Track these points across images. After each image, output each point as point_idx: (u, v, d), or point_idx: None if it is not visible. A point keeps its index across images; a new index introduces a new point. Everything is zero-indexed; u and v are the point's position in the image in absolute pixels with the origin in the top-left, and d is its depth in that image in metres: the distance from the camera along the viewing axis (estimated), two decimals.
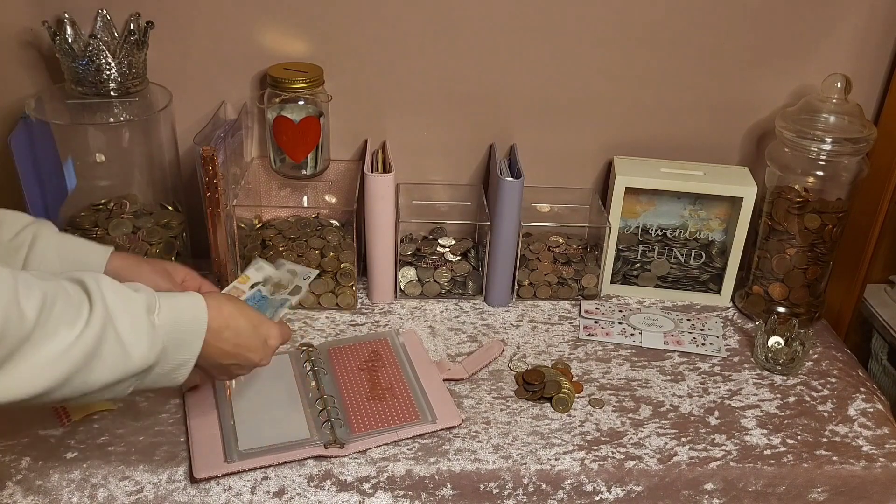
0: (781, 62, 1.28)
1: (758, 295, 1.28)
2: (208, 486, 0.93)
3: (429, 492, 0.96)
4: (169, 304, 0.79)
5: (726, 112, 1.31)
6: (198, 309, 0.82)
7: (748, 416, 1.08)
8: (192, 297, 0.82)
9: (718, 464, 1.00)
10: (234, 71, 1.24)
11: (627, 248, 1.32)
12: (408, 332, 1.19)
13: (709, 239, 1.31)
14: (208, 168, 1.11)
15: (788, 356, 1.16)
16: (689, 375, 1.15)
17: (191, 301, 0.82)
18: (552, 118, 1.31)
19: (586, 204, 1.37)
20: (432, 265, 1.29)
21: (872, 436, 1.06)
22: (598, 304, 1.29)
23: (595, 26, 1.24)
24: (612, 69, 1.27)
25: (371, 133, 1.30)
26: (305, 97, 1.20)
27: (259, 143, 1.32)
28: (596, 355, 1.18)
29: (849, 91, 1.17)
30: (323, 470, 0.95)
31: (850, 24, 1.25)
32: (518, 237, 1.24)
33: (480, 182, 1.36)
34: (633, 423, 1.05)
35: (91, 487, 0.93)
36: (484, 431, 1.02)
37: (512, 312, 1.26)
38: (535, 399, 1.08)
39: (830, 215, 1.20)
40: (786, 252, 1.24)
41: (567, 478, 0.98)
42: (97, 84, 1.11)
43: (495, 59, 1.25)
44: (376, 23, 1.22)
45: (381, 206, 1.19)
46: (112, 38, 1.13)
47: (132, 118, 1.15)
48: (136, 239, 1.18)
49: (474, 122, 1.31)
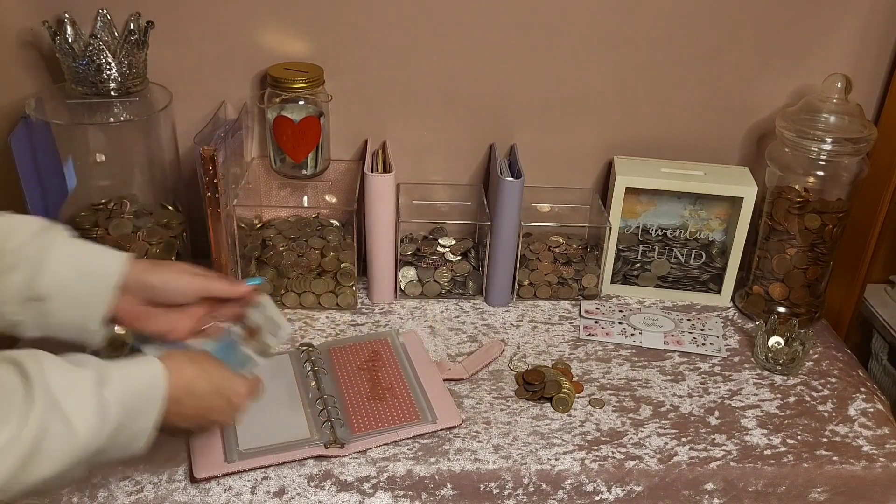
0: (781, 62, 1.28)
1: (758, 295, 1.28)
2: (208, 486, 0.93)
3: (429, 492, 0.96)
4: (121, 374, 0.73)
5: (726, 112, 1.31)
6: (154, 377, 0.76)
7: (748, 416, 1.08)
8: (148, 364, 0.77)
9: (718, 464, 1.00)
10: (234, 71, 1.24)
11: (627, 248, 1.32)
12: (408, 333, 1.19)
13: (709, 239, 1.31)
14: (208, 168, 1.11)
15: (788, 356, 1.16)
16: (689, 375, 1.15)
17: (147, 368, 0.77)
18: (552, 118, 1.31)
19: (586, 204, 1.37)
20: (432, 265, 1.29)
21: (873, 436, 1.06)
22: (598, 304, 1.29)
23: (595, 26, 1.24)
24: (612, 69, 1.27)
25: (371, 133, 1.30)
26: (305, 97, 1.20)
27: (259, 143, 1.32)
28: (596, 355, 1.18)
29: (849, 91, 1.17)
30: (323, 470, 0.95)
31: (850, 24, 1.25)
32: (518, 237, 1.24)
33: (480, 182, 1.36)
34: (633, 423, 1.05)
35: (91, 487, 0.92)
36: (484, 431, 1.02)
37: (512, 312, 1.26)
38: (535, 399, 1.08)
39: (830, 215, 1.20)
40: (786, 252, 1.24)
41: (567, 478, 0.98)
42: (97, 84, 1.11)
43: (495, 59, 1.25)
44: (376, 23, 1.22)
45: (381, 206, 1.19)
46: (112, 38, 1.13)
47: (132, 118, 1.15)
48: (136, 239, 1.18)
49: (474, 122, 1.31)
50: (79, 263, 0.84)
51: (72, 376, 0.70)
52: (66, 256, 0.83)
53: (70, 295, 0.82)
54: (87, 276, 0.84)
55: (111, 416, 0.71)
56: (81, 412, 0.68)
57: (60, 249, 0.83)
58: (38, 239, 0.83)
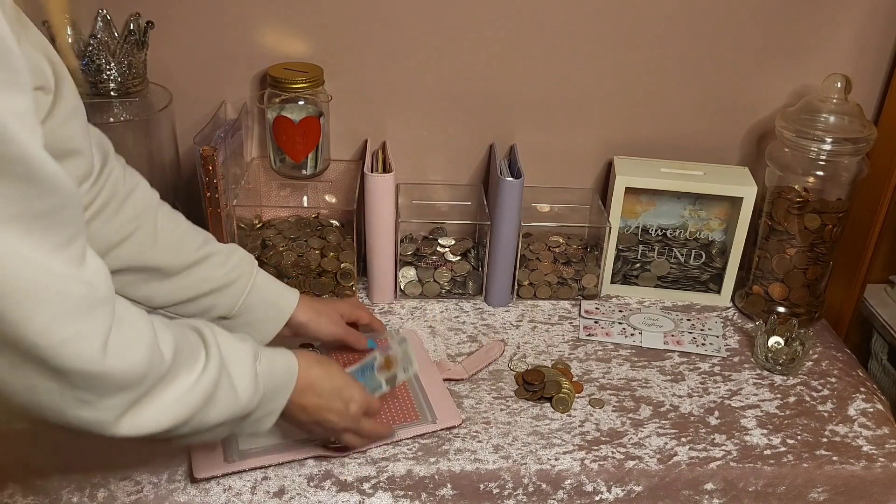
0: (781, 62, 1.28)
1: (758, 295, 1.28)
2: (208, 486, 0.93)
3: (429, 492, 0.96)
4: (268, 356, 0.84)
5: (726, 112, 1.31)
6: (290, 364, 0.86)
7: (748, 416, 1.08)
8: (285, 354, 0.87)
9: (718, 464, 1.00)
10: (234, 71, 1.24)
11: (627, 248, 1.32)
12: (408, 332, 1.19)
13: (709, 239, 1.31)
14: (208, 168, 1.11)
15: (788, 356, 1.16)
16: (689, 375, 1.15)
17: (284, 357, 0.86)
18: (552, 118, 1.31)
19: (586, 204, 1.37)
20: (432, 265, 1.29)
21: (872, 436, 1.06)
22: (598, 304, 1.29)
23: (595, 26, 1.24)
24: (612, 69, 1.27)
25: (371, 133, 1.30)
26: (305, 97, 1.20)
27: (259, 143, 1.32)
28: (596, 355, 1.18)
29: (849, 91, 1.17)
30: (323, 470, 0.95)
31: (850, 24, 1.25)
32: (518, 237, 1.24)
33: (480, 182, 1.36)
34: (633, 423, 1.05)
35: (91, 487, 0.92)
36: (484, 431, 1.02)
37: (512, 312, 1.26)
38: (535, 399, 1.08)
39: (830, 215, 1.20)
40: (786, 252, 1.24)
41: (567, 478, 0.98)
42: (97, 84, 1.11)
43: (495, 58, 1.25)
44: (376, 23, 1.22)
45: (381, 206, 1.19)
46: (112, 38, 1.13)
47: (132, 118, 1.15)
48: None
49: (474, 122, 1.31)
50: (265, 294, 0.99)
51: (237, 347, 0.81)
52: (257, 287, 0.98)
53: (249, 318, 0.98)
54: (271, 307, 1.00)
55: (261, 387, 0.81)
56: (242, 378, 0.79)
57: (253, 279, 0.98)
58: (239, 266, 0.97)
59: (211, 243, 0.97)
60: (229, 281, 0.96)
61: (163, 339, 0.73)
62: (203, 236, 0.97)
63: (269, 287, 1.00)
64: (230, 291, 0.96)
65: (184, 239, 0.95)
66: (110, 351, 0.66)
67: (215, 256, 0.96)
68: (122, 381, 0.68)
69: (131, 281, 0.91)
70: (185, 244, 0.95)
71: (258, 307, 0.98)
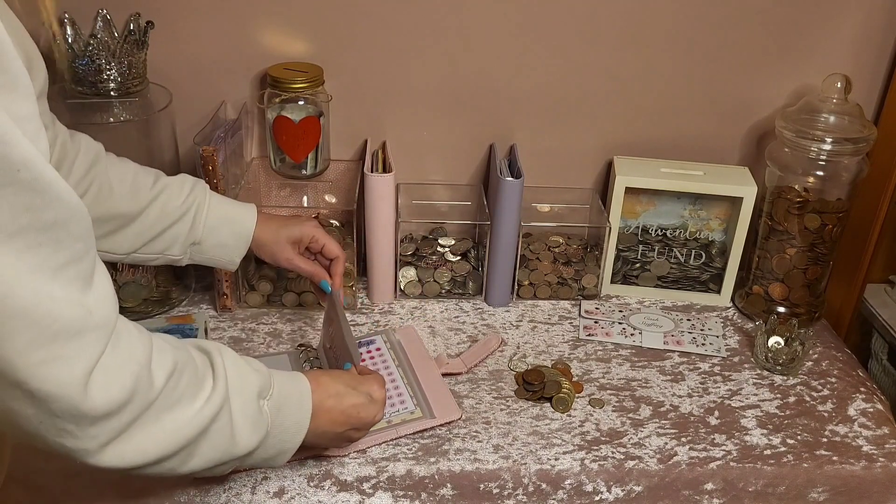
0: (781, 62, 1.28)
1: (758, 295, 1.28)
2: (208, 486, 0.93)
3: (429, 492, 0.96)
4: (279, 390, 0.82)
5: (726, 112, 1.31)
6: (303, 395, 0.84)
7: (748, 416, 1.08)
8: (298, 383, 0.85)
9: (718, 464, 1.00)
10: (234, 71, 1.24)
11: (627, 248, 1.32)
12: (406, 328, 1.19)
13: (709, 239, 1.31)
14: (208, 168, 1.11)
15: (788, 356, 1.16)
16: (689, 375, 1.15)
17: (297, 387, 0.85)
18: (552, 118, 1.31)
19: (586, 204, 1.37)
20: (432, 265, 1.29)
21: (872, 436, 1.06)
22: (598, 304, 1.29)
23: (595, 26, 1.24)
24: (612, 69, 1.27)
25: (371, 133, 1.30)
26: (305, 97, 1.20)
27: (259, 143, 1.32)
28: (596, 355, 1.18)
29: (849, 91, 1.17)
30: (323, 470, 0.95)
31: (850, 24, 1.25)
32: (518, 237, 1.24)
33: (480, 182, 1.36)
34: (633, 423, 1.05)
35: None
36: (484, 431, 1.02)
37: (512, 312, 1.26)
38: (535, 399, 1.08)
39: (830, 215, 1.20)
40: (786, 252, 1.24)
41: (567, 478, 0.98)
42: (97, 84, 1.11)
43: (495, 58, 1.25)
44: (376, 23, 1.22)
45: (381, 206, 1.19)
46: (112, 38, 1.13)
47: (132, 118, 1.15)
48: None
49: (474, 122, 1.31)
50: (223, 214, 1.04)
51: (245, 377, 0.78)
52: (215, 207, 1.03)
53: (218, 239, 1.04)
54: (234, 223, 1.04)
55: (262, 426, 0.79)
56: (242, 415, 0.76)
57: (209, 202, 1.03)
58: (192, 194, 1.02)
59: (162, 178, 1.02)
60: (187, 208, 1.01)
61: (158, 364, 0.69)
62: (153, 174, 1.02)
63: (226, 206, 1.05)
64: (191, 217, 1.01)
65: (137, 181, 0.99)
66: (94, 378, 0.63)
67: (169, 188, 1.01)
68: (102, 409, 0.64)
69: (98, 234, 0.89)
70: (140, 185, 0.99)
71: (222, 227, 1.03)
